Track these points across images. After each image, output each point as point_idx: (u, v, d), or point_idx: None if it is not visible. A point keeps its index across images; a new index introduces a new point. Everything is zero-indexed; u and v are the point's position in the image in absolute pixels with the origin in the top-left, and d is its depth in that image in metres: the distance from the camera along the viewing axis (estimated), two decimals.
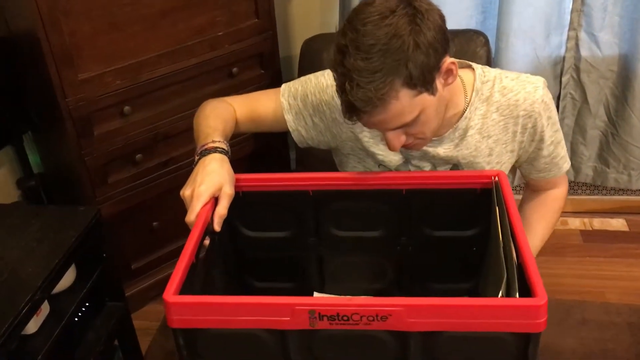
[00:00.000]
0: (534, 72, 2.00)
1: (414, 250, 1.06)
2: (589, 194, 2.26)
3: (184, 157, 1.83)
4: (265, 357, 0.80)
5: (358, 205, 1.03)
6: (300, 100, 1.18)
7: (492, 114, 1.09)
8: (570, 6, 1.92)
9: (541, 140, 1.11)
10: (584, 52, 1.97)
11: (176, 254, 0.83)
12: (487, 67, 1.13)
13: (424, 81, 0.92)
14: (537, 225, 1.20)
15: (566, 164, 1.16)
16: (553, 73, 2.02)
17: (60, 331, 1.34)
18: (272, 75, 1.93)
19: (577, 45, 1.96)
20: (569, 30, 1.95)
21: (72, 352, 1.43)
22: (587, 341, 1.61)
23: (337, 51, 0.93)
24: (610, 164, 2.11)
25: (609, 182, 2.13)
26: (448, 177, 1.00)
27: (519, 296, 0.76)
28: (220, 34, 1.76)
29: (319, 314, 0.75)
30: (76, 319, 1.45)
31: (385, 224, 1.04)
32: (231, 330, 0.77)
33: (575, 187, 2.26)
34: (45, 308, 1.33)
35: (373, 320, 0.75)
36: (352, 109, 0.94)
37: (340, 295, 1.10)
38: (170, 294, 0.78)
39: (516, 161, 1.15)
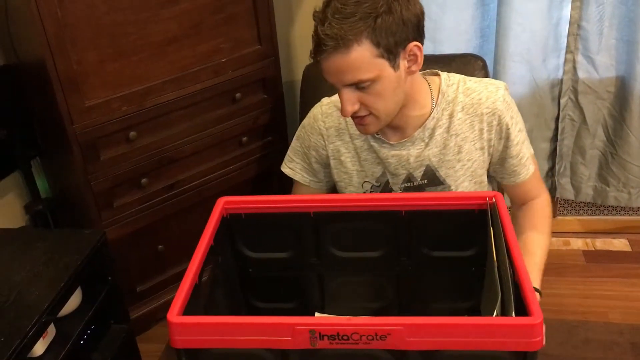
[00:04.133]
0: (533, 95, 2.05)
1: (413, 270, 1.08)
2: (590, 214, 2.27)
3: (190, 180, 1.86)
4: None
5: (358, 226, 1.05)
6: (298, 158, 1.32)
7: (457, 113, 1.17)
8: (567, 30, 1.95)
9: (508, 138, 1.18)
10: (581, 75, 2.00)
11: (181, 276, 0.86)
12: (453, 73, 1.23)
13: (387, 45, 1.03)
14: (533, 236, 1.22)
15: (532, 166, 1.23)
16: (551, 95, 2.05)
17: (66, 354, 1.35)
18: (275, 100, 1.96)
19: (574, 67, 2.00)
20: (566, 53, 1.98)
21: None
22: None
23: (324, 2, 1.06)
24: (610, 183, 2.12)
25: (609, 201, 2.15)
26: (446, 198, 1.03)
27: (515, 315, 0.78)
28: (223, 60, 1.80)
29: (320, 333, 0.76)
30: (82, 342, 1.47)
31: (385, 244, 1.06)
32: (234, 350, 0.79)
33: (577, 207, 2.27)
34: (51, 331, 1.35)
35: (372, 339, 0.76)
36: (319, 46, 1.04)
37: (341, 314, 1.12)
38: (174, 314, 0.80)
39: (490, 164, 1.21)
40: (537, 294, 1.11)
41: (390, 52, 1.04)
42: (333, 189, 1.32)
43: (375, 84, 1.06)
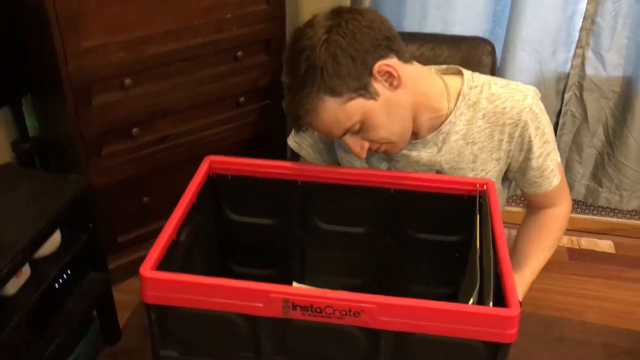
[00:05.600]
0: (538, 86, 2.00)
1: (398, 251, 1.06)
2: (579, 213, 2.27)
3: (182, 135, 1.83)
4: (236, 341, 0.80)
5: (345, 200, 1.03)
6: (306, 132, 1.21)
7: (478, 120, 1.08)
8: (580, 24, 1.91)
9: (529, 150, 1.09)
10: (589, 71, 1.97)
11: None
12: (478, 73, 1.12)
13: (348, 88, 0.95)
14: (532, 246, 1.18)
15: (556, 179, 1.14)
16: (556, 88, 2.02)
17: (39, 295, 1.34)
18: (277, 62, 1.92)
19: (582, 63, 1.97)
20: (577, 47, 1.95)
21: (50, 318, 1.43)
22: (562, 358, 1.62)
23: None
24: (603, 184, 2.11)
25: (600, 202, 2.14)
26: (437, 181, 1.01)
27: (493, 306, 0.77)
28: (228, 16, 1.75)
29: (293, 303, 0.75)
30: (57, 286, 1.46)
31: (371, 221, 1.04)
32: (204, 311, 0.78)
33: None
34: (26, 271, 1.34)
35: (346, 315, 0.75)
36: (294, 121, 1.01)
37: (319, 287, 1.11)
38: (147, 268, 0.78)
39: (508, 171, 1.15)
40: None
41: (357, 89, 0.96)
42: None
43: (366, 122, 0.99)
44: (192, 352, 0.82)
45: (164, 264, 0.81)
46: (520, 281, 1.14)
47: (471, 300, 0.77)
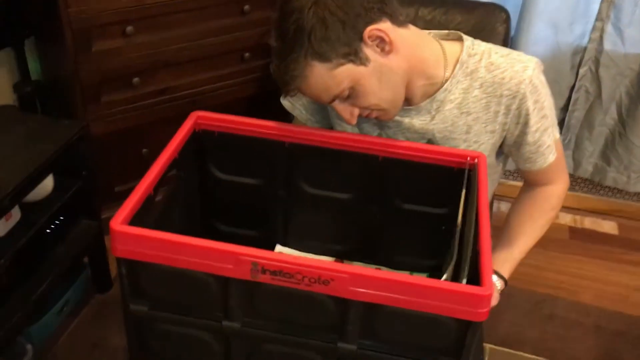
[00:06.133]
0: (552, 60, 1.95)
1: (383, 219, 1.04)
2: (585, 192, 2.23)
3: (182, 88, 1.80)
4: (206, 300, 0.80)
5: (332, 164, 1.01)
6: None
7: (474, 89, 1.04)
8: None
9: (526, 124, 1.05)
10: (607, 46, 1.90)
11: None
12: (479, 41, 1.07)
13: (337, 53, 0.91)
14: (524, 223, 1.15)
15: (552, 155, 1.10)
16: (571, 62, 1.95)
17: (29, 239, 1.35)
18: None
19: (601, 37, 1.89)
20: (596, 20, 1.88)
21: (39, 262, 1.44)
22: (550, 336, 1.61)
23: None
24: (611, 163, 2.06)
25: (607, 181, 2.09)
26: (427, 151, 0.98)
27: (467, 283, 0.75)
28: None
29: (262, 267, 0.74)
30: (48, 231, 1.46)
31: (357, 188, 1.02)
32: (174, 268, 0.77)
33: (573, 182, 2.22)
34: (15, 214, 1.34)
35: (315, 282, 0.73)
36: (282, 87, 0.97)
37: (303, 252, 1.09)
38: (118, 222, 0.77)
39: (503, 144, 1.11)
40: (500, 280, 1.08)
41: (346, 55, 0.92)
42: None
43: (356, 88, 0.95)
44: (161, 308, 0.82)
45: (138, 219, 0.80)
46: (508, 258, 1.12)
47: (444, 276, 0.75)
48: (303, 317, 0.79)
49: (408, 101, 1.06)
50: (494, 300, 1.07)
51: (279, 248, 1.10)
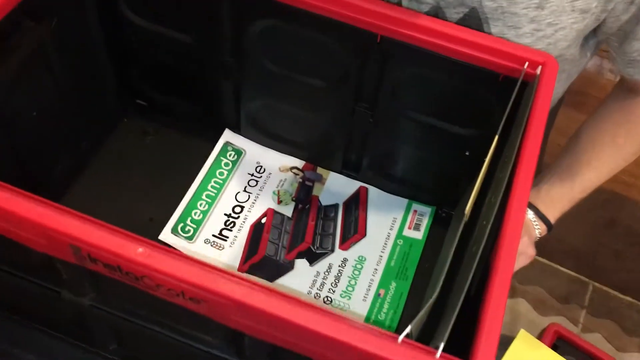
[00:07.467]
0: None
1: (375, 126, 0.68)
2: None
3: None
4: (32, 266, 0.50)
5: (304, 33, 0.62)
6: None
7: None
8: None
9: None
10: None
11: None
12: None
13: None
14: (602, 147, 0.76)
15: None
16: None
17: None
18: None
19: None
20: None
21: None
22: None
23: None
24: None
25: None
26: (458, 40, 0.57)
27: (448, 340, 0.41)
28: None
29: (89, 255, 0.42)
30: None
31: (339, 74, 0.64)
32: None
33: None
34: None
35: (178, 296, 0.42)
36: None
37: (264, 145, 0.76)
38: None
39: (599, 30, 0.67)
40: (541, 224, 0.73)
41: None
42: None
43: None
44: None
45: None
46: (564, 195, 0.75)
47: (409, 328, 0.40)
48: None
49: None
50: (523, 261, 0.73)
51: (227, 135, 0.77)
